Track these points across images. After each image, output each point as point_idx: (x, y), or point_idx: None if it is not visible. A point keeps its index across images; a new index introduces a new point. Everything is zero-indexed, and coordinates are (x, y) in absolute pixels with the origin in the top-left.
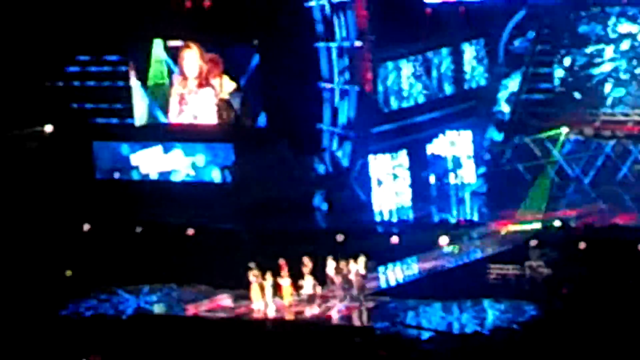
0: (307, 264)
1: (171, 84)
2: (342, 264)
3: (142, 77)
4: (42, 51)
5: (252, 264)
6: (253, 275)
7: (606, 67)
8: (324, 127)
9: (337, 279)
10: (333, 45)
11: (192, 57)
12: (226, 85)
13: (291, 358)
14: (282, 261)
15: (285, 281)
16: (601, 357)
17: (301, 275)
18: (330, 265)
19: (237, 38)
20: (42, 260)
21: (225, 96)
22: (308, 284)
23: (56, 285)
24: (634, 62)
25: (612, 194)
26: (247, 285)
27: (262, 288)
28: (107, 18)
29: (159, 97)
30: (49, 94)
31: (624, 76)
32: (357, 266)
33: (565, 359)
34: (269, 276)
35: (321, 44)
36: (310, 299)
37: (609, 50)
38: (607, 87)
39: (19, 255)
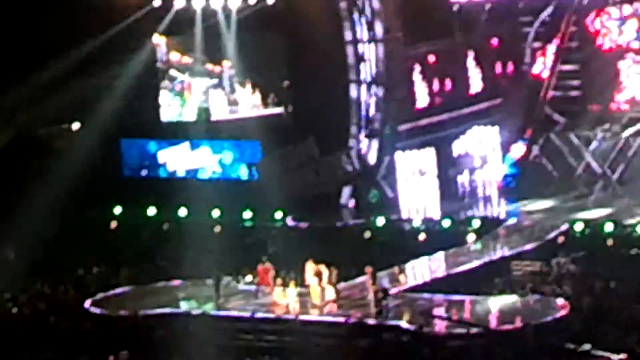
0: (332, 269)
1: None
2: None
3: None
4: (69, 49)
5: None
6: (269, 271)
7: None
8: (351, 124)
9: (363, 278)
10: (361, 42)
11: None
12: None
13: (315, 356)
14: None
15: (312, 280)
16: (631, 351)
17: (327, 274)
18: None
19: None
20: (69, 257)
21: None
22: (332, 283)
23: (83, 283)
24: None
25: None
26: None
27: (284, 285)
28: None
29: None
30: (76, 92)
31: None
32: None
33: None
34: (288, 274)
35: (349, 42)
36: (336, 297)
37: None
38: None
39: (46, 252)
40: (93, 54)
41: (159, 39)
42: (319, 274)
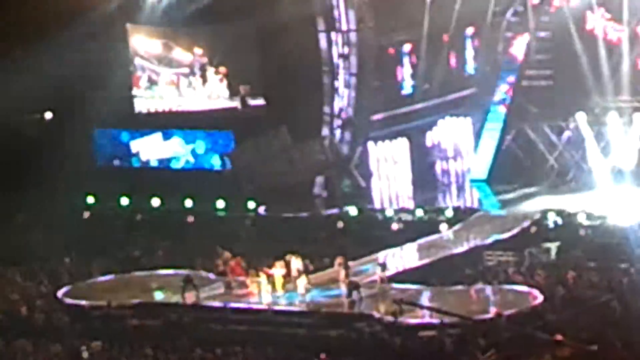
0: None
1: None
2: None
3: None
4: (41, 38)
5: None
6: (241, 262)
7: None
8: (324, 113)
9: (335, 268)
10: (334, 31)
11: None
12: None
13: (287, 346)
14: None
15: (278, 271)
16: (603, 340)
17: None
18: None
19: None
20: (42, 246)
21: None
22: (303, 273)
23: (55, 273)
24: None
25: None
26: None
27: (257, 275)
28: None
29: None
30: (49, 81)
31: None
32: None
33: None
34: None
35: (322, 31)
36: (308, 288)
37: None
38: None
39: (19, 242)
40: (66, 43)
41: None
42: (287, 265)
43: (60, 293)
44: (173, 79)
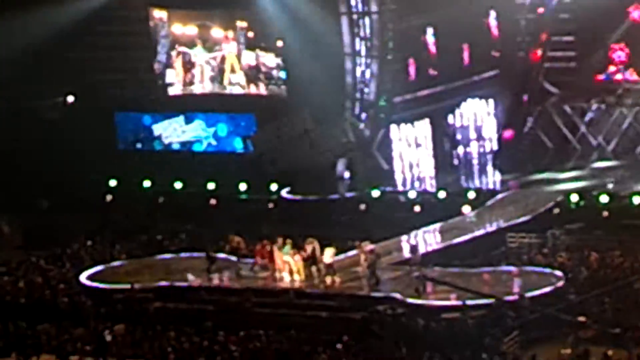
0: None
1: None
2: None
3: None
4: (64, 21)
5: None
6: (266, 245)
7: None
8: (346, 96)
9: (357, 251)
10: (356, 14)
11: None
12: None
13: (310, 328)
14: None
15: (300, 253)
16: (627, 322)
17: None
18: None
19: None
20: (65, 230)
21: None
22: (327, 255)
23: (78, 256)
24: None
25: (635, 162)
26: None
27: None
28: None
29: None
30: (70, 64)
31: None
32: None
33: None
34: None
35: (343, 14)
36: (327, 271)
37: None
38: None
39: (42, 226)
40: (88, 27)
41: (160, 13)
42: (309, 247)
43: (83, 276)
44: (210, 63)
